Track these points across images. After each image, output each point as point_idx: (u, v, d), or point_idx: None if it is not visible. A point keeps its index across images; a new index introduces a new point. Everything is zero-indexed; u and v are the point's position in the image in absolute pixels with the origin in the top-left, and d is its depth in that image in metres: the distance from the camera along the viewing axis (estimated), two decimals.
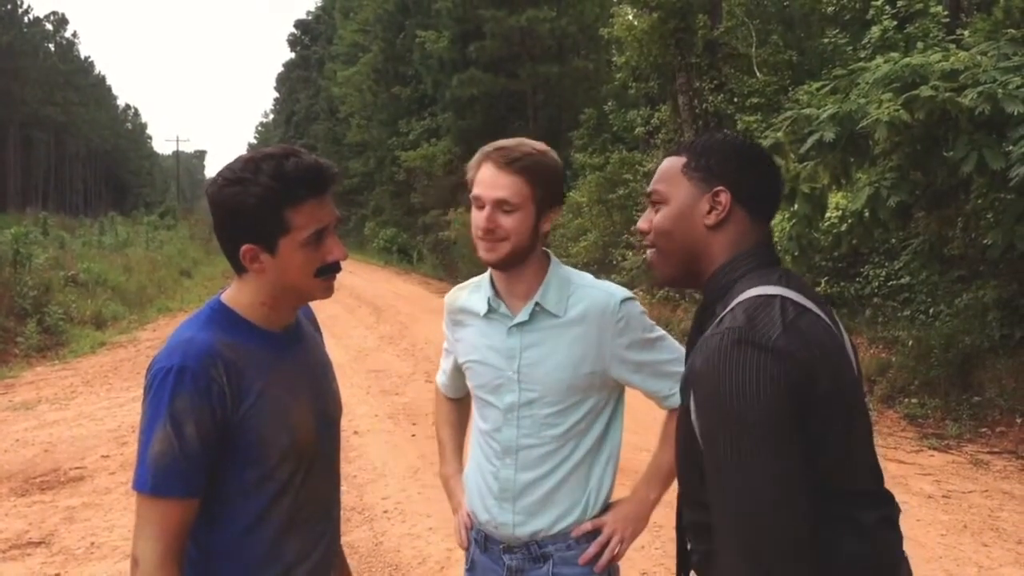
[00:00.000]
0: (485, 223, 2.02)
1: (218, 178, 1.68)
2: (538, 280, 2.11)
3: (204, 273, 27.41)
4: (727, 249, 1.60)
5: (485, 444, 2.18)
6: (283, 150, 1.69)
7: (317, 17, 63.38)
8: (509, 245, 2.02)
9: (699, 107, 15.77)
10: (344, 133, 43.03)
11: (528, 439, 2.09)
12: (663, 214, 1.64)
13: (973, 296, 8.47)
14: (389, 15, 33.78)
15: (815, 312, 1.48)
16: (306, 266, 1.69)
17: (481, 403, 2.20)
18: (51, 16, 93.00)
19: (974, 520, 5.44)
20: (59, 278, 15.68)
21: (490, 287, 2.16)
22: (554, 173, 2.06)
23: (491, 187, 2.01)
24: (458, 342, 2.27)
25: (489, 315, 2.15)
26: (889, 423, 7.86)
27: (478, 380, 2.19)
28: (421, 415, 8.20)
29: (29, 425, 8.22)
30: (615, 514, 2.13)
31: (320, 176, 1.67)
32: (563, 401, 2.07)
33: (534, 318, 2.09)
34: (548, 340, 2.08)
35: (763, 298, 1.45)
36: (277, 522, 1.73)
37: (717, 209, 1.59)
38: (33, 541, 5.34)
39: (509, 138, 2.10)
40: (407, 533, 5.30)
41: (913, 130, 6.74)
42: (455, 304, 2.28)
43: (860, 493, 1.48)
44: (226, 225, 1.68)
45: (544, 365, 2.07)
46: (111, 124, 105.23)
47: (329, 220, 1.70)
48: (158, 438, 1.59)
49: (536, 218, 2.04)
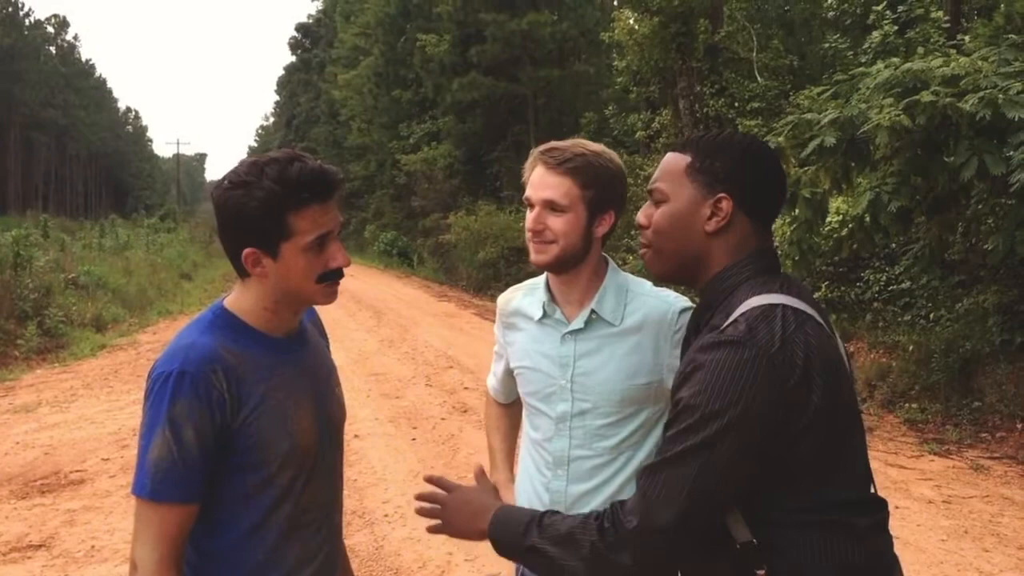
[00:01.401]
0: (533, 224, 1.99)
1: (223, 181, 1.68)
2: (595, 286, 2.06)
3: (204, 276, 27.45)
4: (727, 254, 1.59)
5: (536, 454, 2.13)
6: (288, 155, 1.68)
7: (318, 20, 63.37)
8: (558, 248, 1.98)
9: (700, 111, 15.80)
10: (345, 136, 43.04)
11: (580, 450, 2.03)
12: (663, 212, 1.63)
13: (974, 301, 8.47)
14: (390, 19, 33.78)
15: (816, 320, 1.48)
16: (308, 271, 1.68)
17: (532, 411, 2.15)
18: (52, 19, 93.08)
19: (975, 525, 5.44)
20: (59, 280, 15.67)
21: (546, 291, 2.11)
22: (608, 174, 2.00)
23: (540, 188, 1.98)
24: (510, 346, 2.21)
25: (543, 320, 2.10)
26: (889, 428, 7.86)
27: (529, 387, 2.13)
28: (422, 419, 8.20)
29: (29, 428, 8.21)
30: None
31: (324, 181, 1.67)
32: (617, 412, 2.01)
33: (589, 326, 2.04)
34: (603, 349, 2.03)
35: (765, 308, 1.45)
36: (278, 528, 1.73)
37: (718, 216, 1.57)
38: (33, 544, 5.33)
39: (563, 140, 2.05)
40: (408, 537, 5.30)
41: (914, 135, 6.73)
42: (508, 306, 2.22)
43: (855, 500, 1.49)
44: (229, 228, 1.68)
45: (598, 375, 2.02)
46: (112, 127, 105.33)
47: (332, 226, 1.69)
48: (157, 443, 1.59)
49: (588, 220, 1.98)
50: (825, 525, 1.43)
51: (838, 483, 1.46)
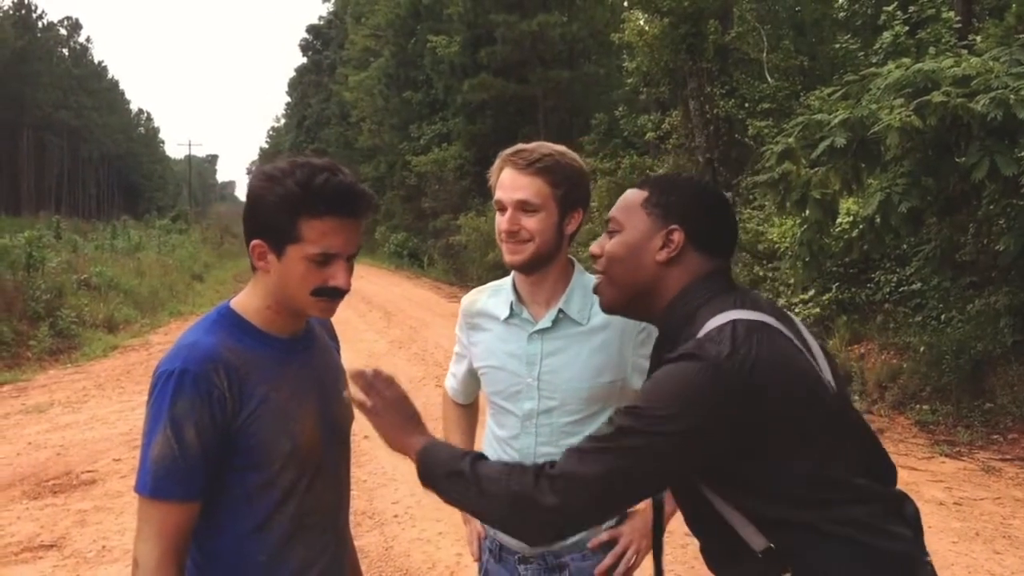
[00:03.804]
0: (507, 225, 2.02)
1: (259, 171, 1.71)
2: (561, 286, 2.10)
3: (216, 277, 27.53)
4: (679, 282, 1.63)
5: (501, 452, 2.16)
6: (325, 164, 1.68)
7: (329, 22, 63.53)
8: (533, 246, 2.02)
9: (710, 112, 15.77)
10: (355, 137, 43.07)
11: (546, 447, 2.06)
12: (616, 241, 1.68)
13: (985, 302, 8.43)
14: (401, 20, 33.83)
15: (773, 326, 1.51)
16: (304, 280, 1.68)
17: (497, 409, 2.18)
18: (65, 21, 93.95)
19: (986, 527, 5.41)
20: (72, 282, 15.74)
21: (512, 292, 2.15)
22: (575, 173, 2.05)
23: (512, 189, 2.01)
24: (474, 346, 2.25)
25: (510, 320, 2.14)
26: (900, 429, 7.83)
27: (495, 386, 2.16)
28: (432, 419, 8.11)
29: (41, 428, 8.26)
30: (631, 525, 2.11)
31: (346, 198, 1.66)
32: (583, 410, 2.05)
33: (557, 325, 2.08)
34: (570, 348, 2.07)
35: (717, 327, 1.49)
36: (280, 529, 1.73)
37: (669, 247, 1.62)
38: (45, 544, 5.37)
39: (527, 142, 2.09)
40: (417, 538, 5.31)
41: (925, 136, 6.72)
42: (473, 307, 2.26)
43: (867, 497, 1.49)
44: (248, 216, 1.70)
45: (565, 373, 2.06)
46: (124, 128, 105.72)
47: (342, 249, 1.68)
48: (158, 441, 1.61)
49: (560, 218, 2.04)
50: (837, 524, 1.44)
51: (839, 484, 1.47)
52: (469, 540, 2.34)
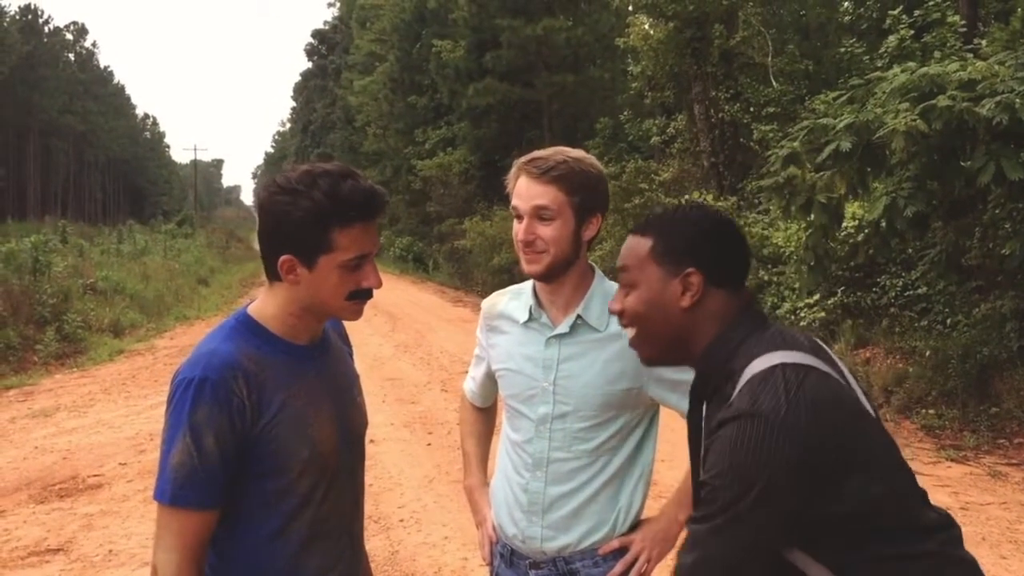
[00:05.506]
0: (524, 235, 2.02)
1: (272, 184, 1.69)
2: (581, 292, 2.10)
3: (221, 281, 27.60)
4: (711, 324, 1.60)
5: (515, 455, 2.16)
6: (341, 169, 1.68)
7: (334, 27, 63.68)
8: (549, 257, 2.01)
9: (715, 116, 15.78)
10: (360, 142, 43.17)
11: (559, 452, 2.07)
12: (635, 298, 1.65)
13: (991, 307, 8.41)
14: (406, 25, 33.91)
15: (818, 369, 1.48)
16: (340, 287, 1.69)
17: (512, 413, 2.17)
18: (71, 26, 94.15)
19: (992, 532, 5.40)
20: (78, 286, 15.80)
21: (532, 296, 2.15)
22: (591, 179, 2.03)
23: (527, 197, 2.01)
24: (492, 348, 2.25)
25: (529, 323, 2.14)
26: (906, 434, 7.82)
27: (511, 389, 2.16)
28: (437, 424, 8.21)
29: (48, 432, 8.28)
30: (643, 533, 2.10)
31: (372, 202, 1.67)
32: (597, 416, 2.05)
33: (575, 330, 2.08)
34: (587, 354, 2.06)
35: (764, 372, 1.45)
36: (298, 535, 1.74)
37: (691, 290, 1.59)
38: (51, 548, 5.37)
39: (543, 149, 2.08)
40: (423, 542, 5.31)
41: (930, 140, 6.71)
42: (494, 309, 2.26)
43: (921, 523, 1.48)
44: (269, 232, 1.68)
45: (581, 378, 2.05)
46: (130, 133, 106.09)
47: (371, 248, 1.70)
48: (178, 449, 1.61)
49: (577, 225, 2.02)
50: (898, 552, 1.43)
51: (895, 510, 1.46)
52: (480, 544, 2.33)
